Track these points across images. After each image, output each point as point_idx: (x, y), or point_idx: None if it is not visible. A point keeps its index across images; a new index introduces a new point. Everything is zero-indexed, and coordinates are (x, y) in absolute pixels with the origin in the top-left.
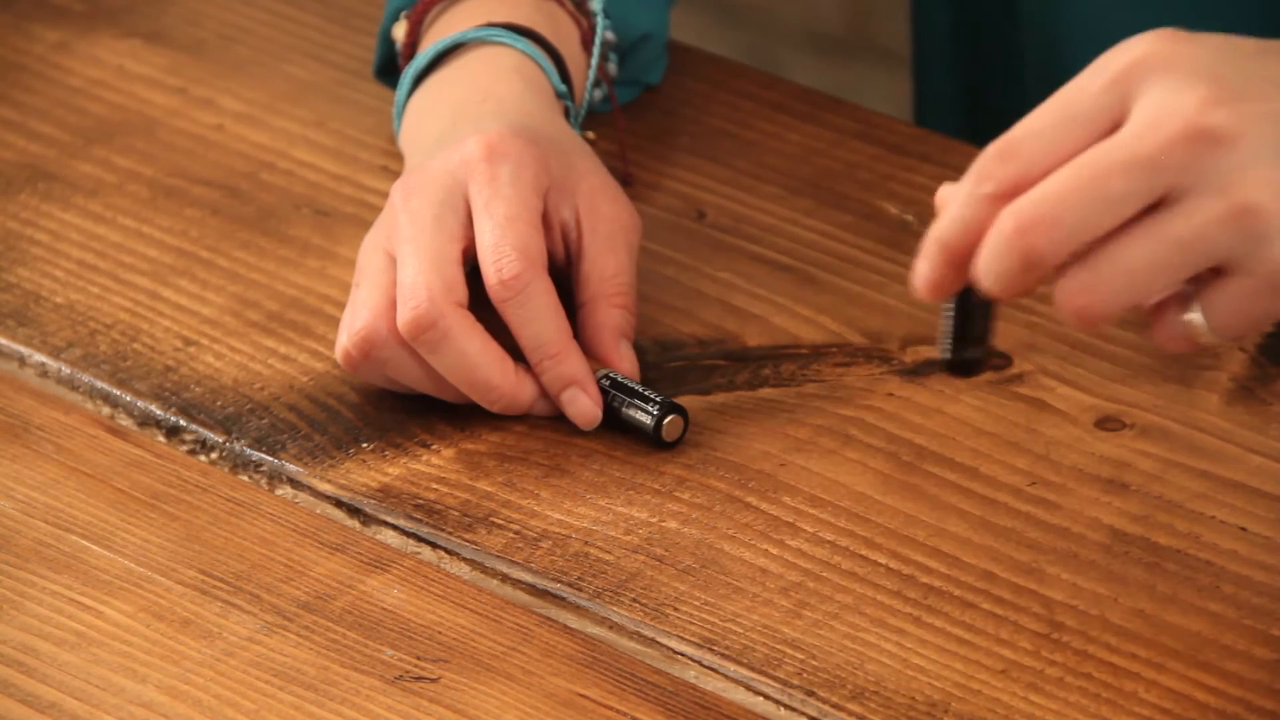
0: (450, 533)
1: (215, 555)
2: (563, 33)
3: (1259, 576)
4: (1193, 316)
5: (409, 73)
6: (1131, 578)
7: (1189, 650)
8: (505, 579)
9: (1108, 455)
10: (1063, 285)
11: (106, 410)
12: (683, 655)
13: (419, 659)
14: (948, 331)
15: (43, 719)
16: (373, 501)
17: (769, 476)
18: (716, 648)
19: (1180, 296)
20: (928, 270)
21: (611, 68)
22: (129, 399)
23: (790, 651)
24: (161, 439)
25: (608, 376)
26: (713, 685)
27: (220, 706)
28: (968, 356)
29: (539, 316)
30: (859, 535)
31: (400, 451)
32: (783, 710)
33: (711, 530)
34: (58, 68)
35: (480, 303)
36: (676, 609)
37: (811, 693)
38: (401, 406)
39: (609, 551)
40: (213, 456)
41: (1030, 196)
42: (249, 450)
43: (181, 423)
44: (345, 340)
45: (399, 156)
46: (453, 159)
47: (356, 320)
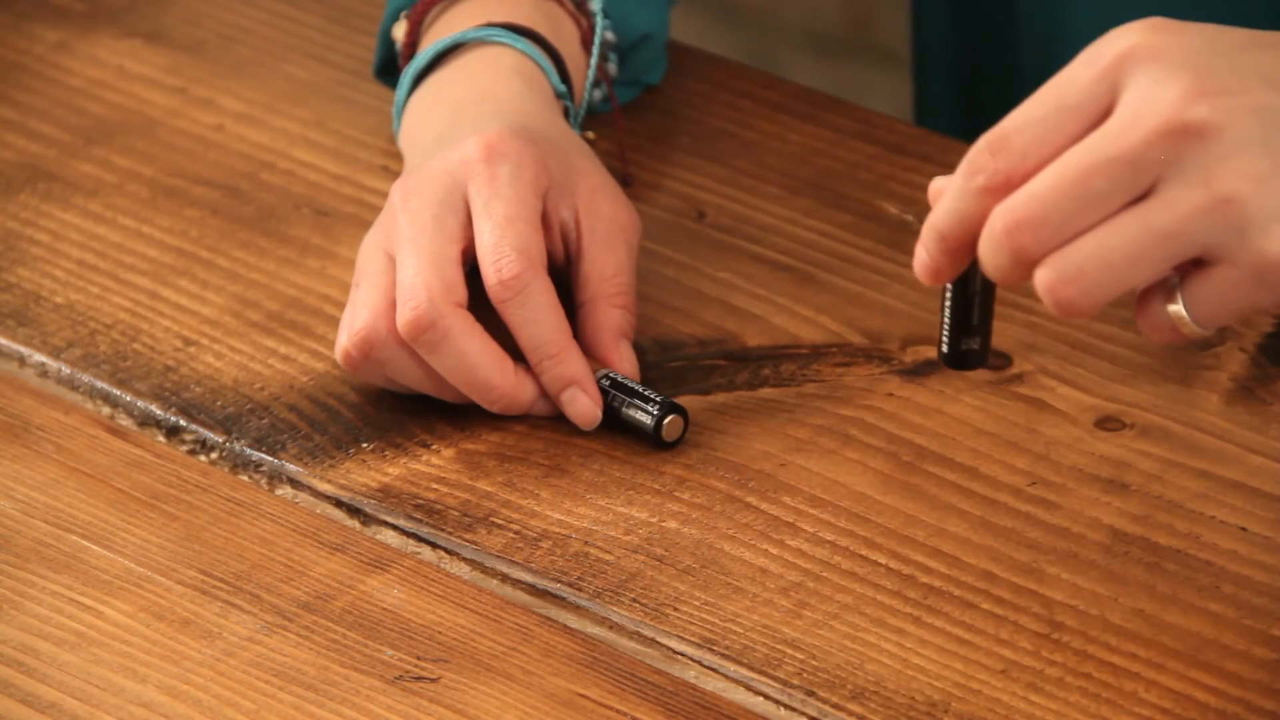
0: (450, 533)
1: (215, 555)
2: (562, 33)
3: (1259, 576)
4: (1176, 307)
5: (408, 73)
6: (1131, 578)
7: (1189, 650)
8: (505, 579)
9: (1108, 455)
10: (1044, 276)
11: (106, 410)
12: (683, 655)
13: (419, 659)
14: (945, 323)
15: (43, 719)
16: (373, 501)
17: (769, 476)
18: (716, 648)
19: (1164, 287)
20: (925, 258)
21: (611, 68)
22: (129, 399)
23: (790, 651)
24: (161, 439)
25: (608, 376)
26: (713, 685)
27: (220, 706)
28: (965, 348)
29: (539, 316)
30: (859, 535)
31: (400, 451)
32: (783, 710)
33: (711, 530)
34: (58, 68)
35: (480, 303)
36: (676, 609)
37: (811, 693)
38: (401, 406)
39: (609, 551)
40: (213, 456)
41: (1018, 196)
42: (249, 450)
43: (181, 423)
44: (345, 340)
45: (399, 156)
46: (452, 159)
47: (356, 320)
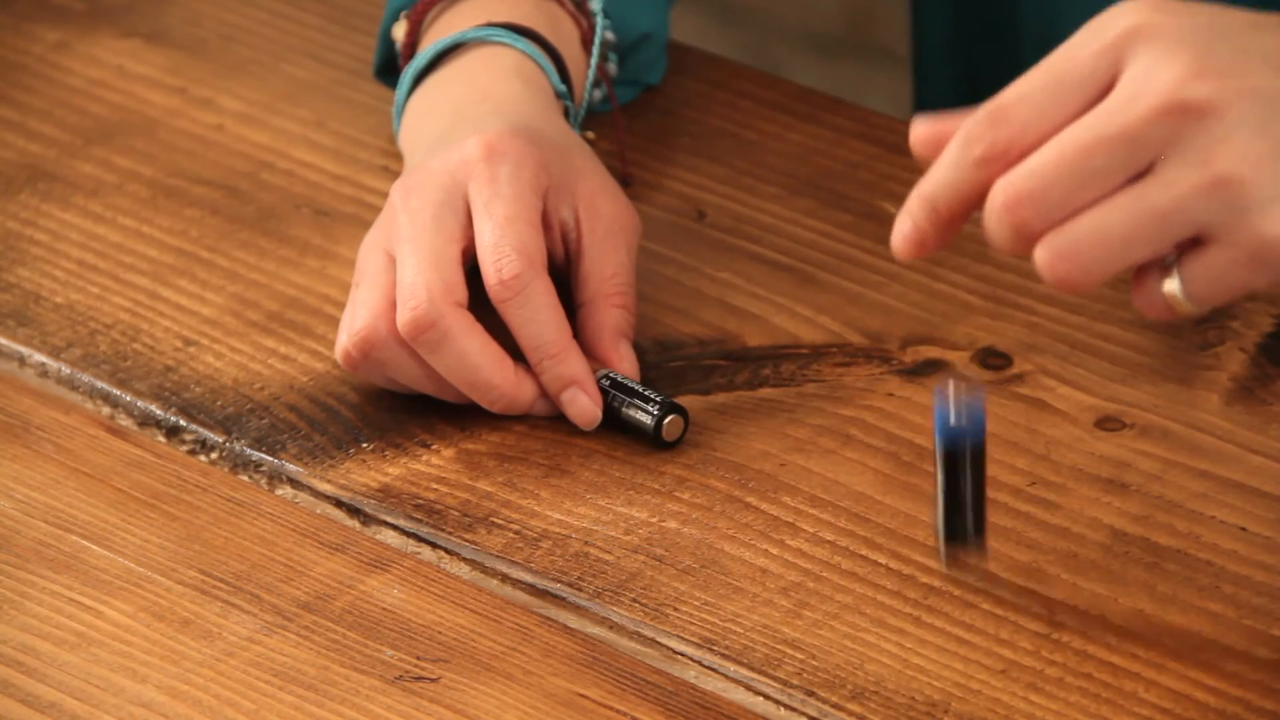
0: (450, 533)
1: (215, 555)
2: (563, 32)
3: (1259, 576)
4: (1171, 285)
5: (408, 72)
6: (1131, 578)
7: (1189, 650)
8: (505, 579)
9: (1108, 455)
10: (1043, 252)
11: (106, 410)
12: (683, 655)
13: (419, 659)
14: (939, 529)
15: (43, 719)
16: (373, 501)
17: (769, 476)
18: (716, 648)
19: (1160, 264)
20: (910, 228)
21: (611, 68)
22: (129, 399)
23: (790, 651)
24: (161, 439)
25: (608, 376)
26: (713, 685)
27: (220, 706)
28: (961, 554)
29: (539, 316)
30: (859, 535)
31: (400, 451)
32: (783, 710)
33: (711, 530)
34: (58, 68)
35: (480, 303)
36: (676, 609)
37: (811, 693)
38: (401, 406)
39: (609, 551)
40: (213, 456)
41: (1018, 171)
42: (249, 450)
43: (181, 423)
44: (345, 340)
45: (399, 156)
46: (452, 159)
47: (356, 320)
